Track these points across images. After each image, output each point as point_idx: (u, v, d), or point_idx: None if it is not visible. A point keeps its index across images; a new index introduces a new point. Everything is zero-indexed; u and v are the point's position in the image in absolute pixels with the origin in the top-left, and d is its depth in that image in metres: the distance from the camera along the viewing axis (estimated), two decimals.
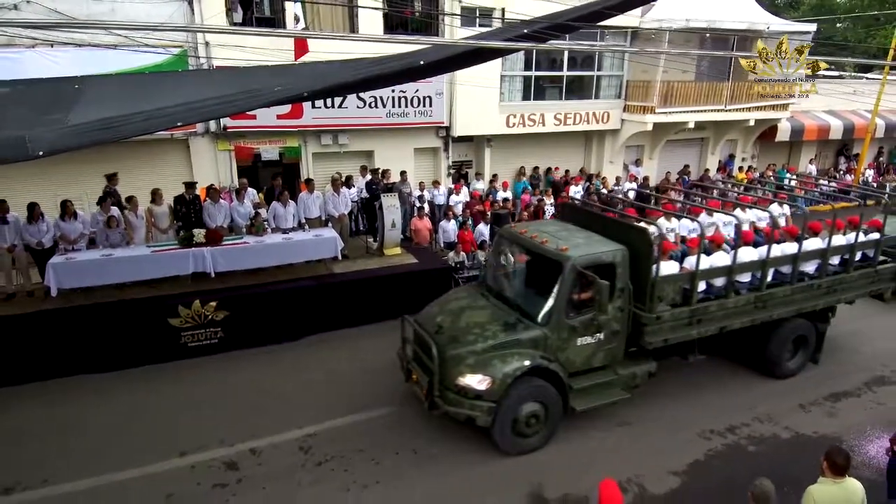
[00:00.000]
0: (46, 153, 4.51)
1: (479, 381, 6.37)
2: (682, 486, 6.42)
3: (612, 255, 6.88)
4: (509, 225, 9.22)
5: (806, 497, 4.29)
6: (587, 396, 6.98)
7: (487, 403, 6.40)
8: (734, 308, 7.67)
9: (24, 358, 8.15)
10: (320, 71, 7.34)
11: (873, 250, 8.79)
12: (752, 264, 7.75)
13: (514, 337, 6.65)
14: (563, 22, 7.08)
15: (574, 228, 7.72)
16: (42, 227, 9.13)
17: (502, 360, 6.46)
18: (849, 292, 8.68)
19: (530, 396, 6.61)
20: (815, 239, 8.32)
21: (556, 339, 6.73)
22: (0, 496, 6.15)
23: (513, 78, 15.92)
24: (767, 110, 18.27)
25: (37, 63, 10.81)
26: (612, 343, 7.08)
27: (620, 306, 6.94)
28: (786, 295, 7.99)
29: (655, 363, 7.53)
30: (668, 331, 7.25)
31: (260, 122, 12.70)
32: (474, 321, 6.98)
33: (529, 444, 6.80)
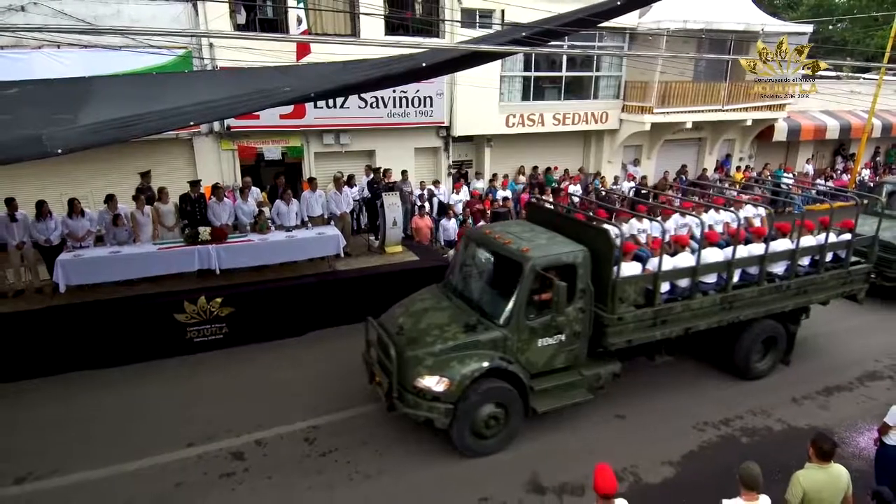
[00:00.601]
0: (64, 151, 4.68)
1: (436, 383, 6.34)
2: (676, 475, 6.60)
3: (572, 256, 6.83)
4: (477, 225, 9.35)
5: (793, 482, 4.46)
6: (549, 398, 6.93)
7: (445, 405, 6.37)
8: (700, 309, 7.64)
9: (34, 353, 8.31)
10: (324, 72, 7.50)
11: (845, 251, 8.76)
12: (717, 265, 7.73)
13: (473, 338, 6.59)
14: (562, 25, 7.24)
15: (540, 230, 7.66)
16: (50, 224, 9.30)
17: (460, 361, 6.42)
18: (820, 293, 8.64)
19: (489, 398, 6.57)
20: (783, 240, 8.31)
21: (517, 340, 6.68)
22: (12, 486, 6.31)
23: (512, 78, 16.10)
24: (764, 110, 18.45)
25: (43, 64, 10.99)
26: (575, 344, 7.04)
27: (582, 307, 6.91)
28: (753, 296, 7.95)
29: (620, 364, 7.49)
30: (632, 332, 7.24)
31: (263, 121, 12.88)
32: (435, 322, 6.94)
33: (488, 446, 6.77)
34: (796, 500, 4.38)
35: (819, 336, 9.95)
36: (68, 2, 11.12)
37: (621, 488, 6.12)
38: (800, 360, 9.17)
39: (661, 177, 18.19)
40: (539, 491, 6.34)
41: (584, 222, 7.71)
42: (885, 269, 11.45)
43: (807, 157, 22.11)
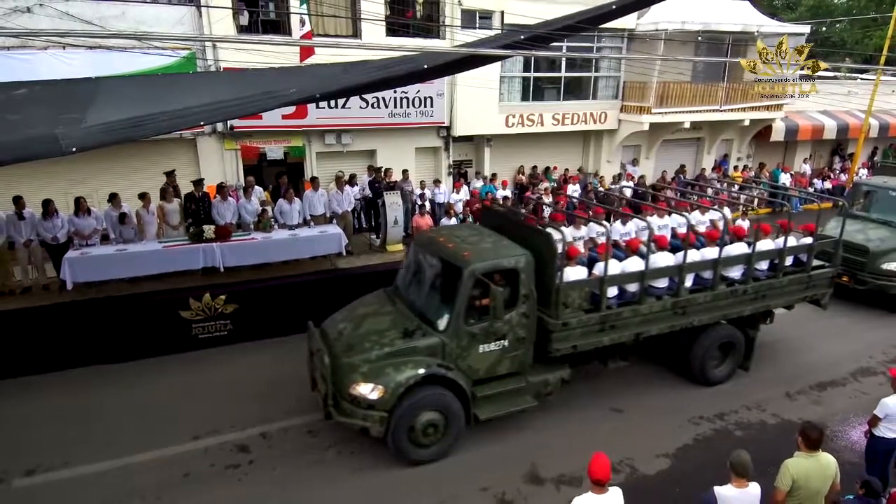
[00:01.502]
0: (79, 150, 4.84)
1: (371, 390, 6.21)
2: (670, 467, 6.78)
3: (514, 260, 6.72)
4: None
5: (783, 469, 4.62)
6: (493, 404, 6.81)
7: (379, 413, 6.24)
8: (650, 314, 7.50)
9: (42, 349, 8.46)
10: (327, 73, 7.65)
11: (806, 255, 8.59)
12: (667, 269, 7.59)
13: (410, 344, 6.48)
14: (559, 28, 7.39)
15: (489, 233, 7.53)
16: (57, 222, 9.46)
17: (396, 368, 6.29)
18: (780, 298, 8.49)
19: (428, 405, 6.44)
20: (738, 244, 8.17)
21: (456, 346, 6.55)
22: (22, 477, 6.47)
23: (512, 79, 16.24)
24: (762, 110, 18.60)
25: (49, 65, 11.13)
26: (519, 350, 6.90)
27: (525, 312, 6.79)
28: (707, 301, 7.82)
29: (569, 370, 7.37)
30: (578, 337, 7.10)
31: (266, 122, 13.02)
32: (374, 328, 6.83)
33: (427, 454, 6.65)
34: (785, 486, 4.54)
35: (809, 335, 10.15)
36: (74, 3, 11.27)
37: (617, 479, 6.30)
38: (793, 356, 9.36)
39: (659, 177, 18.33)
40: (537, 482, 6.50)
41: (530, 226, 7.57)
42: (858, 273, 11.24)
43: (804, 156, 22.25)
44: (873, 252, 11.06)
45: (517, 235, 7.31)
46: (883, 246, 11.18)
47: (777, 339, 9.85)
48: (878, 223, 11.82)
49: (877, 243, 11.22)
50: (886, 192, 12.24)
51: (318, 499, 6.20)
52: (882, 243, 11.23)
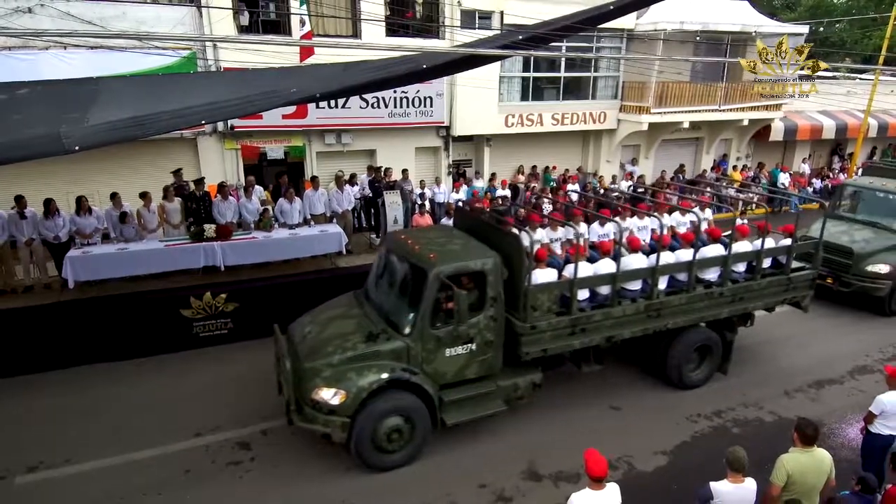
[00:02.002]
0: (82, 148, 4.89)
1: (332, 396, 6.08)
2: (668, 464, 6.82)
3: (481, 263, 6.60)
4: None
5: (778, 464, 4.66)
6: (461, 409, 6.69)
7: (341, 418, 6.12)
8: (622, 317, 7.35)
9: (43, 347, 8.50)
10: (327, 73, 7.70)
11: (785, 257, 8.45)
12: (639, 272, 7.45)
13: (374, 348, 6.36)
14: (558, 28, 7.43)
15: (459, 235, 7.45)
16: (58, 221, 9.53)
17: (358, 372, 6.17)
18: (758, 300, 8.34)
19: (392, 411, 6.33)
20: (714, 245, 8.05)
21: (421, 350, 6.41)
22: (24, 474, 6.50)
23: (511, 79, 16.31)
24: (761, 110, 18.66)
25: (50, 64, 11.19)
26: (487, 353, 6.76)
27: (493, 315, 6.65)
28: (682, 303, 7.68)
29: (541, 374, 7.23)
30: (548, 341, 6.95)
31: (266, 121, 13.08)
32: (338, 331, 6.71)
33: (392, 461, 6.52)
34: (781, 481, 4.58)
35: (804, 334, 10.20)
36: (75, 4, 11.33)
37: (615, 476, 6.35)
38: (789, 355, 9.39)
39: (659, 176, 18.39)
40: (535, 478, 6.54)
41: (500, 228, 7.44)
42: (842, 275, 11.05)
43: (803, 156, 22.31)
44: (858, 254, 10.90)
45: (488, 237, 7.21)
46: (868, 247, 10.99)
47: (773, 338, 9.89)
48: (863, 224, 11.65)
49: (861, 245, 11.04)
50: (873, 193, 12.04)
51: (319, 495, 6.24)
52: (867, 245, 11.05)
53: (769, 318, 9.34)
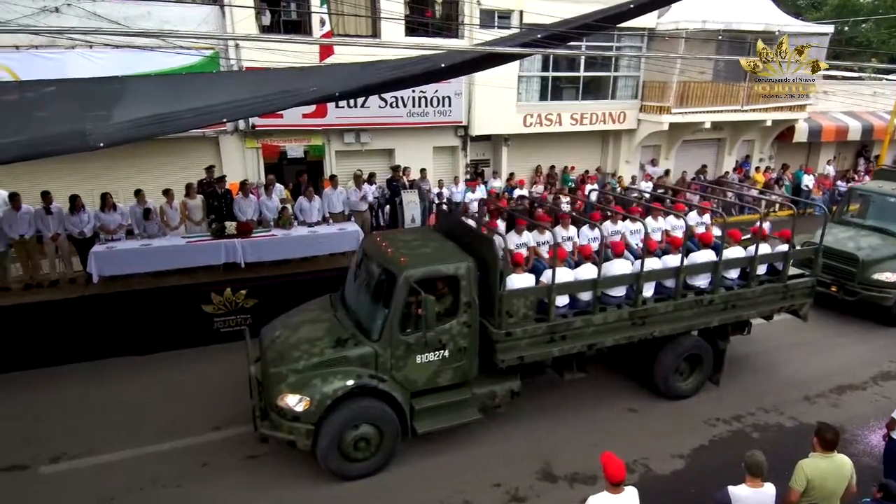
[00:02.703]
0: (106, 145, 5.00)
1: (297, 402, 5.98)
2: (685, 467, 6.76)
3: (454, 267, 6.38)
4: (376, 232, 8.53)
5: (797, 470, 4.61)
6: (434, 417, 6.54)
7: (305, 426, 6.01)
8: (604, 324, 7.11)
9: (68, 340, 8.70)
10: (346, 72, 7.75)
11: (781, 263, 8.12)
12: (622, 278, 7.18)
13: (341, 354, 6.22)
14: (578, 27, 7.41)
15: (436, 238, 7.24)
16: (83, 217, 9.70)
17: (323, 379, 6.04)
18: (752, 308, 8.01)
19: (359, 418, 6.19)
20: (705, 251, 7.76)
21: (391, 356, 6.27)
22: (48, 464, 6.67)
23: (530, 78, 16.25)
24: (785, 111, 18.36)
25: (77, 63, 11.41)
26: (461, 360, 6.58)
27: (467, 321, 6.48)
28: (669, 311, 7.42)
29: (520, 381, 7.05)
30: (525, 348, 6.74)
31: (286, 120, 13.21)
32: (307, 336, 6.57)
33: (360, 469, 6.38)
34: (800, 486, 4.53)
35: (824, 339, 10.07)
36: (101, 4, 11.54)
37: (631, 479, 6.30)
38: (810, 360, 9.25)
39: (679, 177, 18.20)
40: (550, 479, 6.53)
41: (475, 231, 7.23)
42: (847, 283, 10.53)
43: (828, 158, 21.91)
44: (863, 261, 10.39)
45: (466, 241, 7.02)
46: (874, 255, 10.50)
47: (790, 343, 9.76)
48: (871, 230, 11.15)
49: (867, 252, 10.54)
50: (883, 198, 11.52)
51: (334, 490, 6.30)
52: (873, 252, 10.55)
53: (783, 324, 9.19)
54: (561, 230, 8.36)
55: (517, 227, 8.20)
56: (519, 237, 8.13)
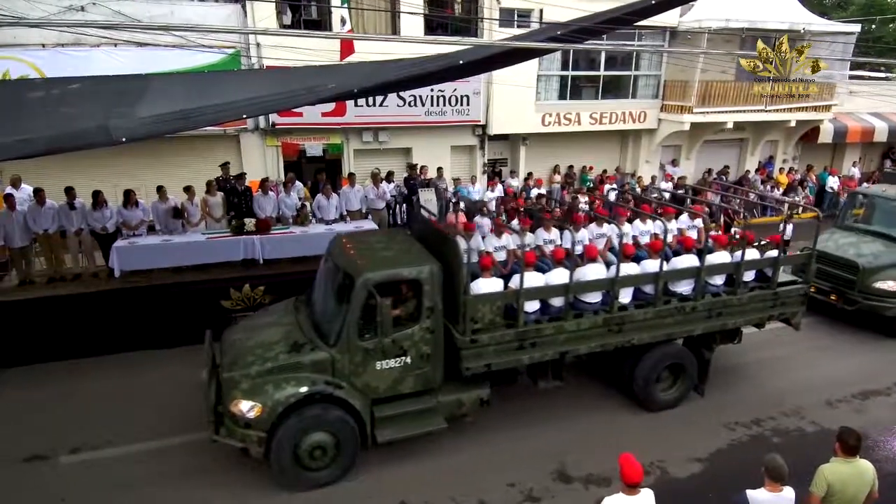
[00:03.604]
0: (129, 140, 5.09)
1: (249, 409, 5.82)
2: (703, 471, 6.68)
3: (416, 271, 6.18)
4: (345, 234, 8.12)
5: (818, 475, 4.51)
6: (396, 426, 6.35)
7: (257, 433, 5.85)
8: (577, 331, 6.84)
9: (91, 333, 8.85)
10: (365, 70, 7.78)
11: (771, 270, 7.78)
12: (596, 283, 6.89)
13: (295, 360, 6.06)
14: (599, 23, 7.35)
15: (403, 241, 7.08)
16: (106, 213, 9.88)
17: (276, 385, 5.88)
18: (738, 317, 7.68)
19: (315, 426, 6.01)
20: (686, 256, 7.48)
21: (348, 362, 6.08)
22: (68, 454, 6.81)
23: (549, 77, 16.17)
24: (809, 111, 18.03)
25: (101, 61, 11.64)
26: (424, 367, 6.37)
27: (429, 327, 6.27)
28: (647, 318, 7.14)
29: (489, 389, 6.80)
30: (492, 355, 6.50)
31: (306, 119, 13.30)
32: (263, 340, 6.41)
33: (316, 479, 6.18)
34: (821, 492, 4.44)
35: (844, 343, 9.89)
36: (126, 3, 11.73)
37: (648, 482, 6.23)
38: (831, 365, 9.09)
39: (700, 178, 17.99)
40: (565, 480, 6.49)
41: (442, 233, 6.93)
42: (847, 291, 10.07)
43: (853, 159, 21.47)
44: (865, 269, 9.90)
45: (434, 244, 6.82)
46: (876, 262, 9.99)
47: (814, 346, 9.62)
48: (874, 236, 10.64)
49: (869, 259, 10.03)
50: (888, 202, 10.94)
51: (346, 489, 6.31)
52: (875, 259, 10.04)
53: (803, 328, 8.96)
54: (543, 233, 8.14)
55: (496, 229, 8.08)
56: (498, 240, 7.99)
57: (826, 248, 10.27)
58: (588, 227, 8.43)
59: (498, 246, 7.96)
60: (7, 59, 11.45)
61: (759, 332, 8.29)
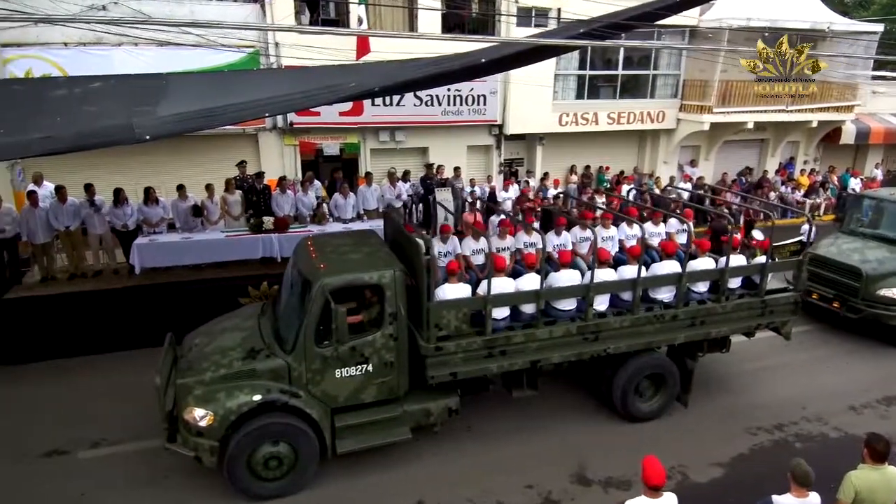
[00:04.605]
0: (152, 137, 5.13)
1: (201, 417, 5.64)
2: (725, 476, 6.58)
3: (377, 275, 5.97)
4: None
5: (845, 482, 4.42)
6: (358, 436, 6.14)
7: (210, 442, 5.66)
8: (550, 339, 6.57)
9: (111, 329, 8.94)
10: (385, 69, 7.79)
11: (759, 277, 7.46)
12: (570, 289, 6.67)
13: (249, 366, 5.87)
14: (621, 21, 7.28)
15: (373, 244, 6.83)
16: (126, 210, 9.96)
17: (228, 393, 5.68)
18: (723, 325, 7.35)
19: (270, 435, 5.82)
20: (667, 262, 7.18)
21: (306, 370, 5.87)
22: (87, 449, 6.87)
23: (567, 77, 16.09)
24: (831, 112, 17.76)
25: (123, 60, 11.77)
26: (388, 375, 6.15)
27: (392, 334, 6.05)
28: (624, 326, 6.87)
29: (458, 398, 6.57)
30: (459, 364, 6.26)
31: (323, 118, 13.36)
32: (221, 346, 6.24)
33: (271, 490, 5.98)
34: (848, 499, 4.35)
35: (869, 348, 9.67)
36: (147, 2, 11.85)
37: (668, 486, 6.13)
38: (857, 368, 8.93)
39: (720, 178, 17.79)
40: (584, 482, 6.43)
41: (409, 236, 6.59)
42: (851, 299, 9.62)
43: (876, 161, 21.12)
44: (868, 275, 9.43)
45: (405, 247, 6.59)
46: (880, 269, 9.54)
47: (837, 352, 9.44)
48: (881, 241, 10.14)
49: (873, 265, 9.58)
50: (895, 205, 10.47)
51: (365, 485, 6.32)
52: (879, 266, 9.60)
53: (823, 332, 8.83)
54: (524, 236, 7.92)
55: (474, 231, 7.87)
56: (476, 242, 7.80)
57: (829, 254, 10.04)
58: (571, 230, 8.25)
59: (476, 249, 7.78)
60: (30, 57, 11.65)
61: (777, 337, 8.09)
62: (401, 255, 6.56)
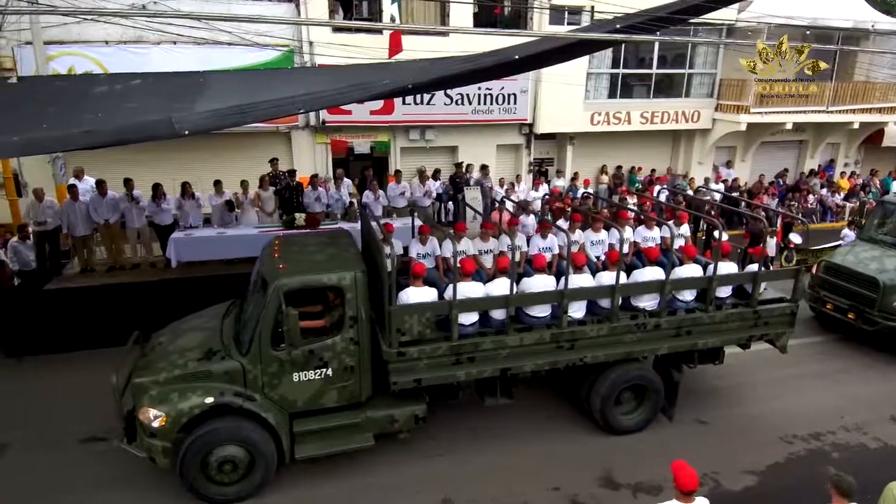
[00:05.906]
0: (191, 132, 5.24)
1: (154, 417, 5.54)
2: (759, 484, 6.41)
3: (336, 277, 5.80)
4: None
5: (886, 492, 4.29)
6: (317, 441, 6.03)
7: (162, 443, 5.58)
8: (521, 347, 6.31)
9: (148, 321, 9.11)
10: (417, 67, 7.82)
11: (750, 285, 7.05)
12: (542, 295, 6.38)
13: (204, 368, 5.75)
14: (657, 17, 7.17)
15: (340, 245, 6.66)
16: (164, 204, 10.20)
17: (181, 394, 5.60)
18: (711, 336, 6.97)
19: (224, 438, 5.70)
20: (651, 268, 6.89)
21: (261, 373, 5.75)
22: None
23: (599, 75, 15.91)
24: (874, 113, 17.21)
25: (161, 58, 12.05)
26: (349, 380, 6.01)
27: (353, 338, 5.90)
28: (602, 334, 6.55)
29: (425, 405, 6.36)
30: (424, 370, 6.05)
31: (355, 117, 13.49)
32: (181, 345, 6.15)
33: (229, 494, 5.87)
34: None
35: None
36: (185, 2, 12.09)
37: (699, 492, 6.01)
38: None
39: (756, 180, 17.38)
40: (612, 486, 6.35)
41: (375, 236, 6.47)
42: (867, 310, 9.12)
43: None
44: (886, 286, 8.95)
45: (373, 249, 6.42)
46: None
47: (875, 360, 9.14)
48: None
49: (891, 275, 9.08)
50: None
51: (390, 481, 6.33)
52: None
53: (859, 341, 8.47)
54: (505, 238, 7.63)
55: (456, 233, 7.53)
56: (458, 243, 7.40)
57: (845, 262, 9.60)
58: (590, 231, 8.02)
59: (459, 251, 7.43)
60: (73, 55, 11.99)
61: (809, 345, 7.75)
62: (371, 256, 6.44)
